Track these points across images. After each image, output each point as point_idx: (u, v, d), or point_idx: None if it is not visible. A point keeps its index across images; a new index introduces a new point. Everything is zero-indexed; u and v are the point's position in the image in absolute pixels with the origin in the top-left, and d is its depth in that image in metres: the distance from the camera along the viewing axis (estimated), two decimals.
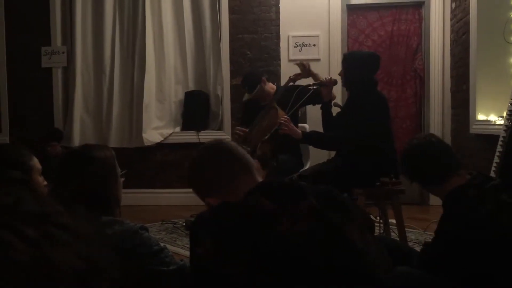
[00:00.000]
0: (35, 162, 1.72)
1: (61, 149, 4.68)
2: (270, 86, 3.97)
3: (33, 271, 0.38)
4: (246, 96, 4.04)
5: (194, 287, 1.21)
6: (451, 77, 4.87)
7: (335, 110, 3.40)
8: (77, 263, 0.41)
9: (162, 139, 5.20)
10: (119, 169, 1.66)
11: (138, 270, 1.43)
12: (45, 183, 1.78)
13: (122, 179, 1.72)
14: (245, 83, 3.90)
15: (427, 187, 2.01)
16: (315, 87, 3.34)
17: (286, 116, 3.28)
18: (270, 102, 3.86)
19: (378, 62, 3.19)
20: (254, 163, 1.45)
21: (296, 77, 3.89)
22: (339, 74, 3.29)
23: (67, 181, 1.50)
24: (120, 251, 0.71)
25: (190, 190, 1.44)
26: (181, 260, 1.60)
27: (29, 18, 5.38)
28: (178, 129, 5.26)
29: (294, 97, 3.50)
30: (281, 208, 1.14)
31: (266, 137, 3.40)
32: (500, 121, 3.58)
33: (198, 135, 5.09)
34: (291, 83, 3.88)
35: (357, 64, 3.15)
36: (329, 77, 3.37)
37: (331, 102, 3.36)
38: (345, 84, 3.28)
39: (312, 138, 3.29)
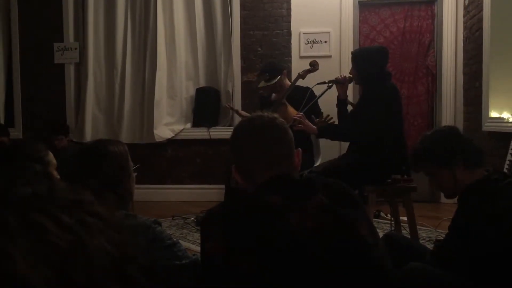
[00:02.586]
0: (51, 157, 1.74)
1: (67, 143, 4.72)
2: (287, 82, 4.00)
3: (69, 255, 0.39)
4: (262, 84, 4.07)
5: (204, 282, 1.22)
6: (464, 74, 4.83)
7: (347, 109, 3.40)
8: (111, 249, 0.42)
9: (173, 135, 5.22)
10: (131, 164, 1.67)
11: (152, 262, 1.44)
12: (58, 177, 1.80)
13: (135, 173, 1.74)
14: (267, 69, 3.95)
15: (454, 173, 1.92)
16: (330, 84, 3.34)
17: (300, 113, 3.27)
18: (280, 98, 3.87)
19: (387, 55, 3.21)
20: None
21: (305, 73, 3.89)
22: (350, 73, 3.30)
23: (83, 175, 1.52)
24: None
25: (201, 186, 1.43)
26: (194, 255, 1.61)
27: (42, 14, 5.43)
28: (189, 125, 5.28)
29: (309, 95, 3.52)
30: (291, 204, 1.14)
31: None
32: None
33: (209, 132, 5.11)
34: (300, 79, 3.89)
35: (367, 59, 3.16)
36: (344, 75, 3.37)
37: (346, 100, 3.37)
38: (358, 80, 3.27)
39: (328, 132, 3.29)
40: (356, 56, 3.24)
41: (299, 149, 1.34)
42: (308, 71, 3.87)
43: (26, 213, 0.40)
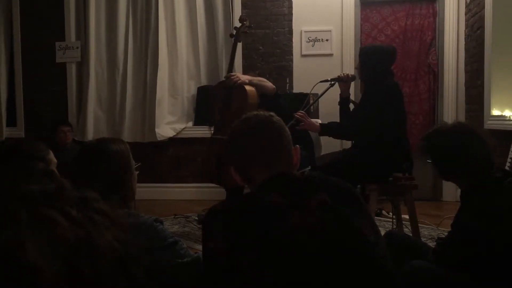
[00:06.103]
0: (52, 156, 1.75)
1: (71, 137, 4.78)
2: None
3: (77, 248, 0.40)
4: None
5: (206, 280, 1.22)
6: (465, 72, 4.82)
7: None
8: (116, 246, 0.43)
9: (174, 134, 5.23)
10: (133, 162, 1.67)
11: (152, 262, 1.44)
12: (59, 175, 1.81)
13: (137, 172, 1.74)
14: None
15: (451, 178, 1.95)
16: (332, 82, 3.34)
17: (302, 112, 3.26)
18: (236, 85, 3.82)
19: (394, 54, 3.20)
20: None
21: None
22: (356, 67, 3.31)
23: (84, 174, 1.52)
24: None
25: (202, 184, 1.43)
26: (195, 253, 1.61)
27: (43, 14, 5.43)
28: (190, 124, 5.29)
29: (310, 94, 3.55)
30: (293, 202, 1.14)
31: None
32: None
33: (211, 130, 5.10)
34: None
35: (372, 56, 3.16)
36: (347, 73, 3.37)
37: (349, 98, 3.36)
38: (361, 76, 3.26)
39: (330, 129, 3.28)
40: (362, 51, 3.27)
41: (297, 146, 1.33)
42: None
43: (36, 207, 0.42)
